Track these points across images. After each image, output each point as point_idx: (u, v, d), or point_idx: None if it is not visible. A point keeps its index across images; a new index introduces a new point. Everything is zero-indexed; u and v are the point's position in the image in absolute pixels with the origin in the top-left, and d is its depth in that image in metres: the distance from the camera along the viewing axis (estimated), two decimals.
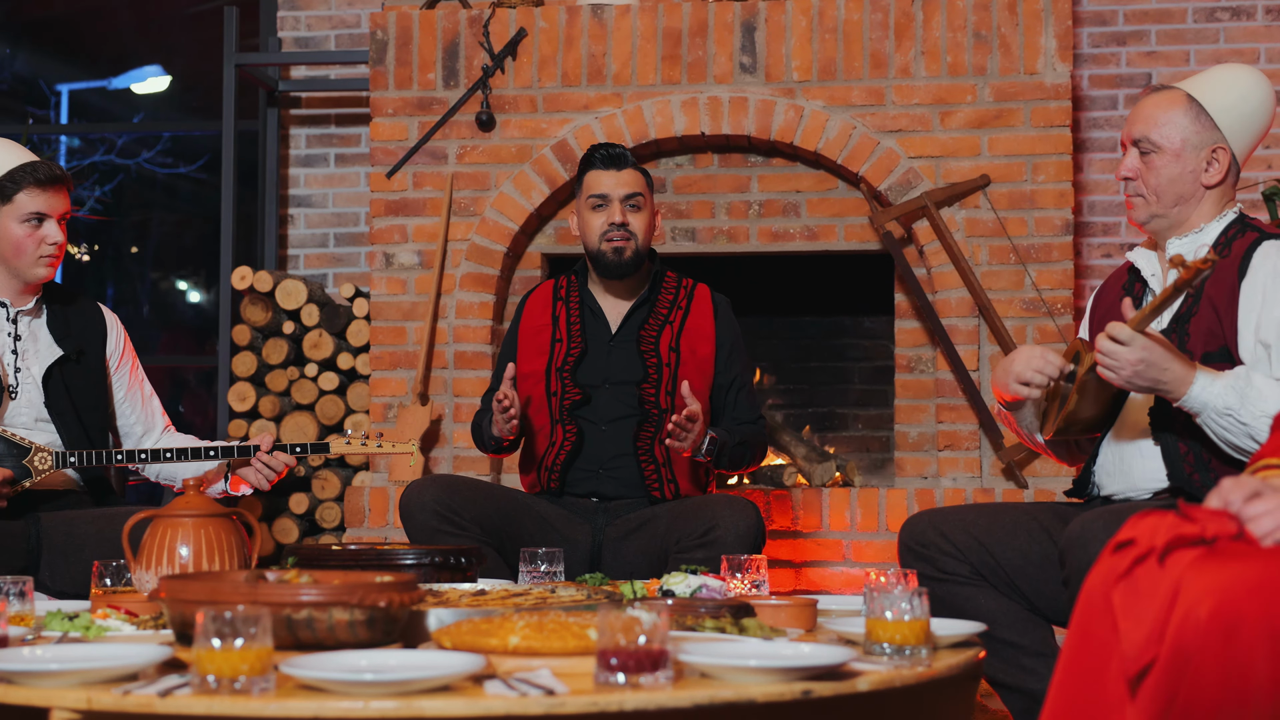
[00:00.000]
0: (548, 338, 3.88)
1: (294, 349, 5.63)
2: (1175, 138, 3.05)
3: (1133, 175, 3.10)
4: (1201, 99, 3.05)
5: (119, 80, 12.77)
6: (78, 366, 3.68)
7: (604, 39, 5.27)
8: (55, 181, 3.58)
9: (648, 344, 3.82)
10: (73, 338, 3.69)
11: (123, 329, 3.85)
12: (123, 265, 12.93)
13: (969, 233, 5.10)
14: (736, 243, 5.31)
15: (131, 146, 12.10)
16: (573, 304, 3.93)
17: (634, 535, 3.66)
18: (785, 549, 4.99)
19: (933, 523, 3.09)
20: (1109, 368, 2.78)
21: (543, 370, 3.84)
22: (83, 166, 12.21)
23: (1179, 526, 1.75)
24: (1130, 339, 2.75)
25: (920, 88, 5.14)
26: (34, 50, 13.29)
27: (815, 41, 5.18)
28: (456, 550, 2.88)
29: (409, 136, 5.35)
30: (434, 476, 3.60)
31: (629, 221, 3.81)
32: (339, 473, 5.54)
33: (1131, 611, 1.74)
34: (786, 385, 5.94)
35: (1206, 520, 1.77)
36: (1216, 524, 1.76)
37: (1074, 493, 3.14)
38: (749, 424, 3.85)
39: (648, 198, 3.89)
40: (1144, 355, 2.75)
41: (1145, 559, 1.75)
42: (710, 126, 5.19)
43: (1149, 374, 2.77)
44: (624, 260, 3.81)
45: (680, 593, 2.72)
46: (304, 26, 6.22)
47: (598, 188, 3.85)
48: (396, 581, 2.22)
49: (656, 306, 3.90)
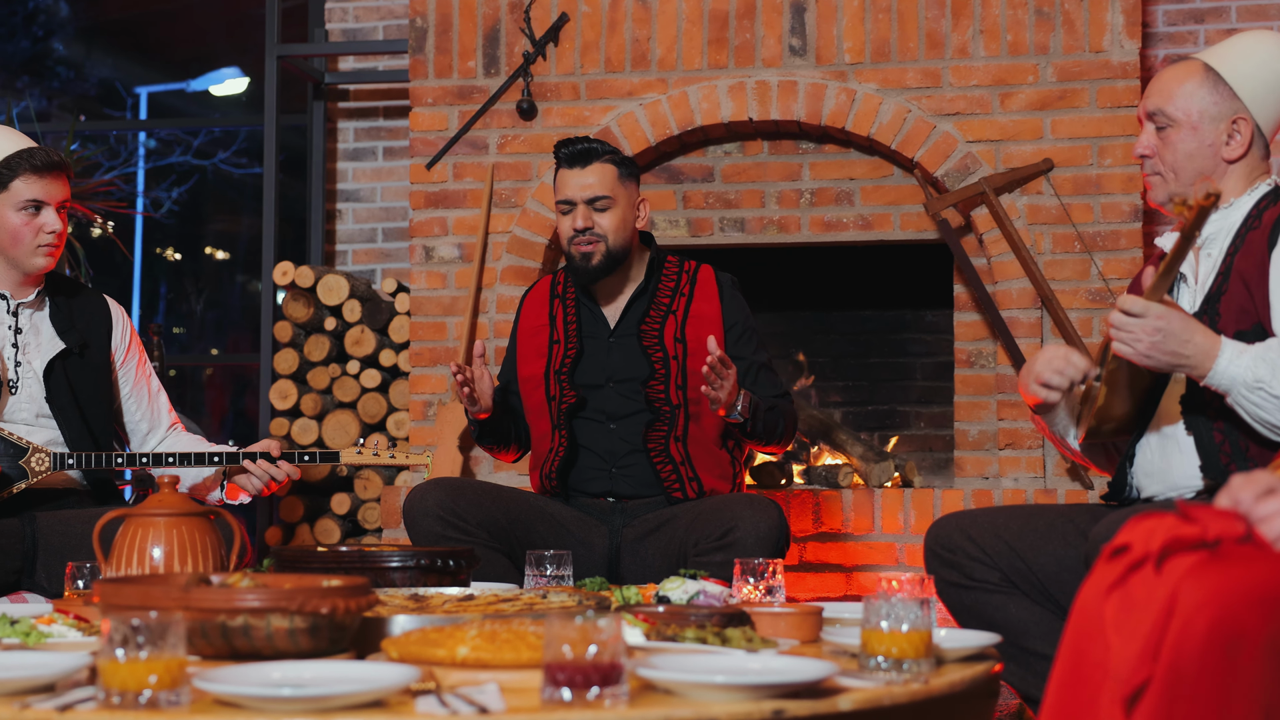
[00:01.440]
0: (545, 339, 3.69)
1: (336, 345, 5.50)
2: (1191, 109, 2.81)
3: (1149, 152, 2.87)
4: (1219, 68, 2.82)
5: (197, 82, 12.82)
6: (81, 361, 3.55)
7: (648, 23, 5.09)
8: (53, 168, 3.46)
9: (650, 338, 3.62)
10: (76, 331, 3.56)
11: (129, 322, 3.71)
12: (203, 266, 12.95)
13: (1031, 220, 4.85)
14: (787, 233, 5.09)
15: (207, 147, 12.11)
16: (569, 301, 3.74)
17: (653, 536, 3.46)
18: (835, 552, 4.77)
19: (960, 526, 2.87)
20: (1123, 342, 2.56)
21: (541, 374, 3.65)
22: (159, 167, 12.25)
23: (1177, 528, 1.54)
24: (1143, 309, 2.52)
25: (979, 68, 4.90)
26: (114, 53, 13.38)
27: (868, 21, 4.96)
28: (445, 552, 2.70)
29: (449, 126, 5.20)
30: (438, 479, 3.42)
31: (594, 224, 3.59)
32: (382, 473, 5.40)
33: (1125, 625, 1.53)
34: (846, 382, 5.72)
35: (1209, 521, 1.54)
36: (1220, 525, 1.54)
37: (1111, 496, 2.90)
38: (776, 398, 3.64)
39: (620, 193, 3.62)
40: (1160, 325, 2.53)
41: (1141, 566, 1.54)
42: (758, 112, 4.99)
43: (1168, 345, 2.54)
44: (591, 266, 3.60)
45: (676, 599, 2.53)
46: (351, 18, 6.10)
47: (563, 191, 3.63)
48: (343, 586, 2.05)
49: (657, 296, 3.68)
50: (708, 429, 3.56)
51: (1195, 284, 2.83)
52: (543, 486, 3.62)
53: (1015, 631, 2.79)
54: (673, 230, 5.15)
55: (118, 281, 12.30)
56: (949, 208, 4.88)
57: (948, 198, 4.84)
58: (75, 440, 3.47)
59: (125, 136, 11.70)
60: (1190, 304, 2.79)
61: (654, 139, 5.04)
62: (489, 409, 3.52)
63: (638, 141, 5.03)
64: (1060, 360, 2.75)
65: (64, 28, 13.62)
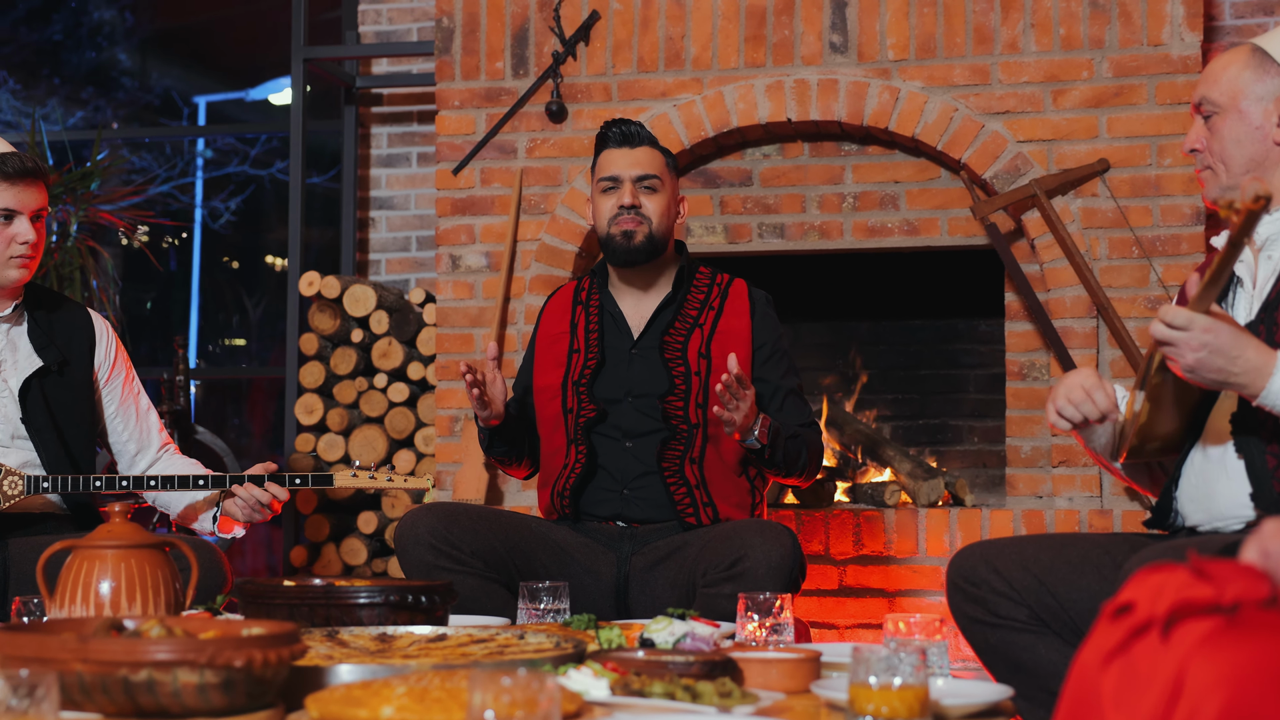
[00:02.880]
0: (564, 348, 3.46)
1: (363, 358, 5.31)
2: (1236, 91, 2.57)
3: (1199, 146, 2.62)
4: (1268, 47, 2.57)
5: (255, 91, 12.73)
6: (60, 379, 3.36)
7: (682, 20, 4.86)
8: (26, 175, 3.27)
9: (673, 351, 3.37)
10: (55, 347, 3.37)
11: (114, 337, 3.51)
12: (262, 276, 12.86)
13: (1085, 224, 4.57)
14: (829, 239, 4.84)
15: (265, 157, 12.01)
16: (592, 309, 3.50)
17: (663, 565, 3.22)
18: (877, 576, 4.51)
19: (985, 557, 2.61)
20: (1167, 356, 2.31)
21: (559, 384, 3.41)
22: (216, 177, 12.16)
23: (1189, 588, 1.28)
24: (1187, 321, 2.26)
25: (1030, 64, 4.62)
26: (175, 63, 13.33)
27: (913, 16, 4.70)
28: (418, 587, 2.48)
29: (476, 130, 5.00)
30: (431, 505, 3.19)
31: (641, 204, 3.38)
32: (410, 491, 5.20)
33: (1125, 701, 1.28)
34: (895, 395, 5.45)
35: (1227, 579, 1.29)
36: (1241, 585, 1.29)
37: (1154, 523, 2.63)
38: (801, 427, 3.39)
39: (667, 180, 3.44)
40: (1206, 339, 2.26)
41: (1145, 631, 1.29)
42: (797, 112, 4.74)
43: (1215, 362, 2.28)
44: (634, 245, 3.38)
45: (661, 642, 2.30)
46: (385, 20, 5.92)
47: (609, 169, 3.42)
48: (265, 635, 1.84)
49: (684, 308, 3.44)
50: (726, 453, 3.31)
51: (1254, 289, 2.56)
52: (552, 506, 3.39)
53: (1045, 675, 2.53)
54: (709, 237, 4.91)
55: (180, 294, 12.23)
56: (998, 211, 4.61)
57: (996, 200, 4.57)
58: (52, 463, 3.29)
59: (182, 147, 11.62)
60: (1247, 311, 2.52)
61: (688, 141, 4.81)
62: (500, 415, 3.29)
63: (671, 144, 4.80)
64: (1079, 392, 2.50)
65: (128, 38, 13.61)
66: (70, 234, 5.76)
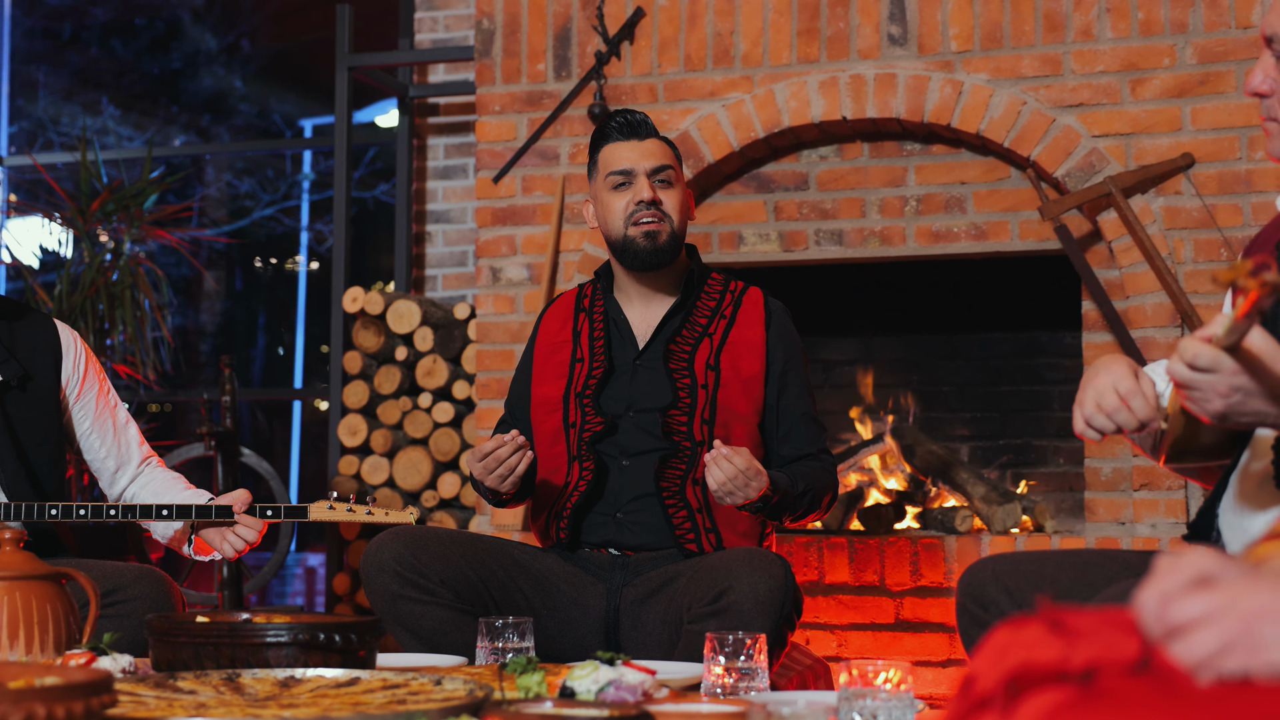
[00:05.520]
0: (566, 357, 3.15)
1: (407, 376, 5.08)
2: None
3: (1266, 91, 2.15)
4: None
5: (362, 113, 12.67)
6: (23, 395, 3.15)
7: (731, 15, 4.56)
8: None
9: (679, 361, 3.05)
10: (16, 361, 3.15)
11: (84, 349, 3.28)
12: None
13: (1168, 224, 4.17)
14: (890, 245, 4.50)
15: (368, 179, 11.92)
16: (596, 316, 3.19)
17: (655, 598, 2.90)
18: (936, 609, 4.15)
19: (997, 575, 2.27)
20: (1192, 400, 1.92)
21: (560, 396, 3.11)
22: (320, 200, 12.10)
23: (1034, 648, 0.96)
24: (1214, 363, 1.86)
25: (1105, 52, 4.25)
26: (290, 87, 13.34)
27: (977, 4, 4.35)
28: (332, 625, 2.21)
29: (518, 136, 4.75)
30: (399, 529, 2.90)
31: (661, 199, 3.08)
32: (456, 515, 4.95)
33: None
34: (973, 413, 5.08)
35: (1084, 637, 0.97)
36: (1100, 643, 0.96)
37: (1192, 537, 2.24)
38: (810, 458, 3.05)
39: (679, 172, 3.13)
40: (1236, 383, 1.86)
41: (987, 706, 0.97)
42: (852, 110, 4.42)
43: (1249, 407, 1.87)
44: (659, 245, 3.06)
45: (582, 691, 2.00)
46: (441, 27, 5.71)
47: (617, 162, 3.11)
48: (55, 686, 1.58)
49: (694, 315, 3.13)
50: None
51: None
52: (545, 532, 3.10)
53: None
54: (763, 245, 4.60)
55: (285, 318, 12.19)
56: (1070, 212, 4.24)
57: (1066, 200, 4.19)
58: (12, 485, 3.07)
59: (285, 170, 11.59)
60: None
61: (738, 143, 4.50)
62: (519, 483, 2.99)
63: (719, 146, 4.51)
64: (1113, 398, 2.09)
65: (245, 65, 13.66)
66: (122, 252, 5.63)
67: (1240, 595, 0.94)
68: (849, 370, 5.17)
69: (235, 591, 4.95)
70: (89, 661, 2.08)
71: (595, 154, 3.18)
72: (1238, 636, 0.93)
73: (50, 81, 12.27)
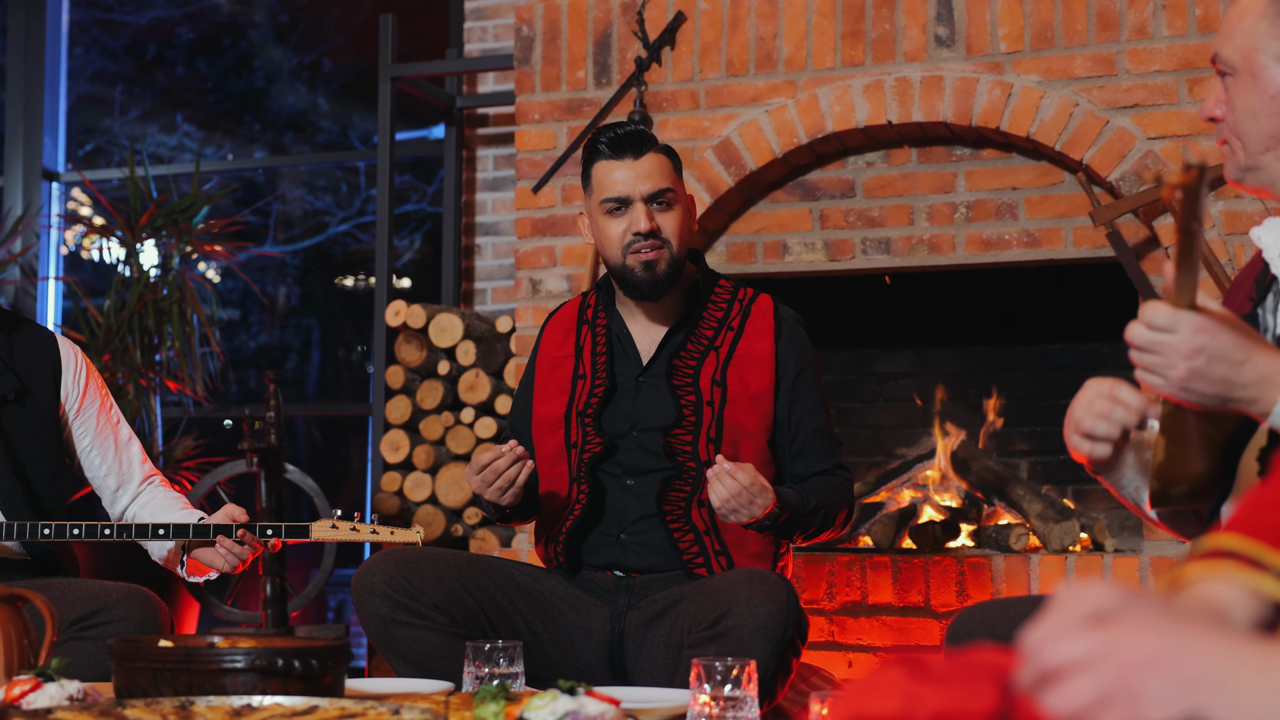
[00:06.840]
0: (568, 373, 3.02)
1: (450, 391, 4.99)
2: (1248, 48, 1.94)
3: (1218, 115, 2.00)
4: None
5: (438, 129, 12.66)
6: (20, 409, 3.08)
7: (774, 18, 4.43)
8: None
9: (683, 377, 2.92)
10: (13, 375, 3.08)
11: (86, 363, 3.20)
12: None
13: (1228, 229, 3.98)
14: (940, 254, 4.34)
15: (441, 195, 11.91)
16: (599, 330, 3.06)
17: (658, 621, 2.77)
18: None
19: (986, 622, 2.12)
20: (1150, 370, 1.72)
21: (561, 414, 2.99)
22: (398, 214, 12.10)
23: (879, 698, 0.83)
24: (1172, 322, 1.69)
25: (1162, 50, 4.07)
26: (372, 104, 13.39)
27: (1027, 3, 4.19)
28: (293, 650, 2.11)
29: (558, 145, 4.65)
30: (391, 550, 2.79)
31: (659, 226, 2.92)
32: (498, 533, 4.86)
33: None
34: (1033, 428, 4.89)
35: (938, 685, 0.83)
36: (952, 694, 0.82)
37: None
38: (824, 474, 2.90)
39: (678, 189, 2.96)
40: (1198, 343, 1.68)
41: None
42: (898, 114, 4.27)
43: (1214, 373, 1.69)
44: (658, 276, 2.91)
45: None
46: (491, 36, 5.63)
47: (611, 187, 2.92)
48: None
49: (699, 328, 2.98)
50: None
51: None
52: (547, 555, 2.98)
53: None
54: (809, 254, 4.46)
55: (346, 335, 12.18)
56: (1125, 217, 4.06)
57: (1119, 205, 4.01)
58: (9, 503, 3.00)
59: (359, 185, 11.59)
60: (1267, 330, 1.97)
61: (780, 150, 4.37)
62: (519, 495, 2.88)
63: (761, 153, 4.38)
64: (1104, 402, 1.92)
65: (328, 83, 13.72)
66: (171, 267, 5.60)
67: (1125, 638, 0.81)
68: (904, 384, 5.01)
69: (279, 610, 4.88)
70: (33, 688, 1.99)
71: (588, 170, 3.00)
72: (1116, 687, 0.79)
73: (128, 101, 12.37)
